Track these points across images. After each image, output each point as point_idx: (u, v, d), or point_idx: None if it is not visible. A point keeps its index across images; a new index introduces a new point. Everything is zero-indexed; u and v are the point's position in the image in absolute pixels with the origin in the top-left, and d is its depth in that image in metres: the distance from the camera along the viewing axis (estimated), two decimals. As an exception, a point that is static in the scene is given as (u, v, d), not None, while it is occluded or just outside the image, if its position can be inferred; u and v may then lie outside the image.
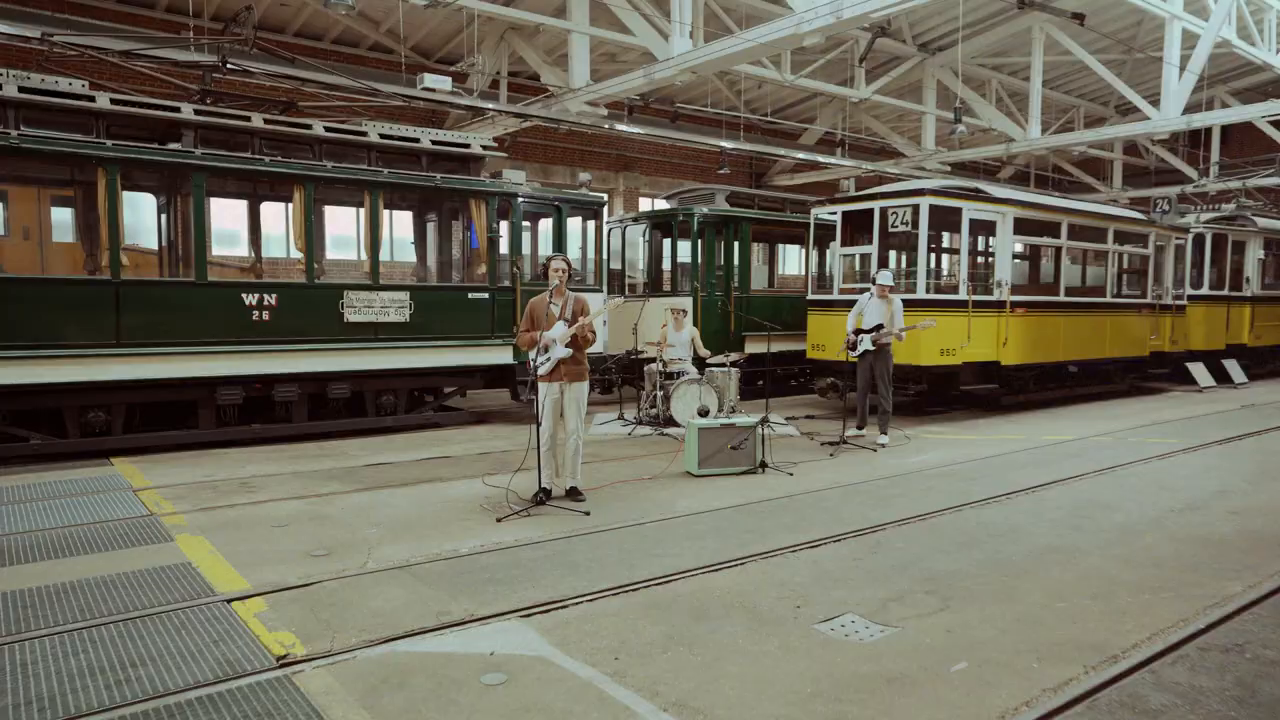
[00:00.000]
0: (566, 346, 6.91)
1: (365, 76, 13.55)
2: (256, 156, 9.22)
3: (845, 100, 20.76)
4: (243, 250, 12.58)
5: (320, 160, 9.74)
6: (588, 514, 6.50)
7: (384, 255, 10.58)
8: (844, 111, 22.12)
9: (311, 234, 9.59)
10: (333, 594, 4.66)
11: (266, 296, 9.25)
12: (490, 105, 14.25)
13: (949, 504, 6.87)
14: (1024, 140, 19.58)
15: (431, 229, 12.17)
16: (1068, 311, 13.34)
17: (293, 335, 9.41)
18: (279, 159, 9.34)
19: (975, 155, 21.30)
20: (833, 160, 20.44)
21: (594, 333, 7.06)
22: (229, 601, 4.50)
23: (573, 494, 7.09)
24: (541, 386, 6.99)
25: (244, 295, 9.14)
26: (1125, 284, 15.11)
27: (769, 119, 21.18)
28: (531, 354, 6.94)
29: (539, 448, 6.91)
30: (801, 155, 20.09)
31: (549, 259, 7.16)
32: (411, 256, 13.29)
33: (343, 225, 16.52)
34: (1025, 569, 5.25)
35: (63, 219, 10.35)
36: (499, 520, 6.29)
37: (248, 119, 9.35)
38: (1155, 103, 17.10)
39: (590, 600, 4.62)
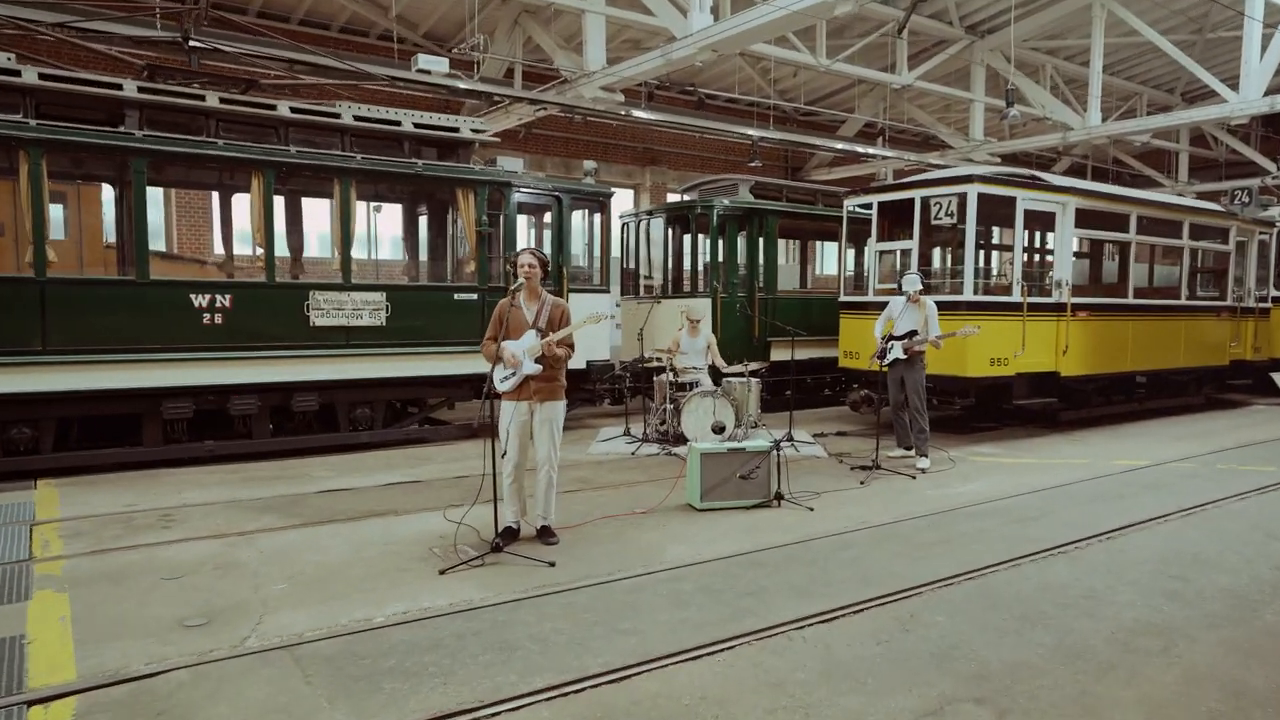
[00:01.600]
0: (537, 361, 5.74)
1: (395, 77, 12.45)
2: (209, 140, 8.20)
3: (886, 88, 19.31)
4: (193, 246, 11.62)
5: (286, 145, 8.71)
6: (552, 565, 5.30)
7: (359, 252, 9.48)
8: (885, 100, 20.65)
9: (272, 227, 8.54)
10: (173, 692, 3.51)
11: (219, 297, 8.22)
12: (494, 89, 13.13)
13: (1003, 555, 5.54)
14: (1082, 128, 17.91)
15: (413, 222, 11.08)
16: (1137, 315, 11.80)
17: (250, 341, 8.38)
18: (234, 143, 8.30)
19: (1028, 145, 19.68)
20: (872, 151, 18.97)
21: (572, 346, 5.90)
22: (30, 704, 3.38)
23: (544, 534, 5.91)
24: (505, 406, 5.83)
25: (193, 296, 8.11)
26: (1200, 284, 13.50)
27: (805, 106, 19.82)
28: (494, 368, 5.78)
29: (499, 478, 5.76)
30: (839, 145, 18.65)
31: (517, 254, 5.99)
32: (390, 253, 12.23)
33: (314, 218, 15.34)
34: (1110, 662, 3.93)
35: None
36: (442, 572, 5.13)
37: (201, 98, 8.32)
38: (1232, 86, 15.42)
39: (511, 709, 3.41)
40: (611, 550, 5.66)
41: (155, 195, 15.04)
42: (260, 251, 8.56)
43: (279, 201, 10.48)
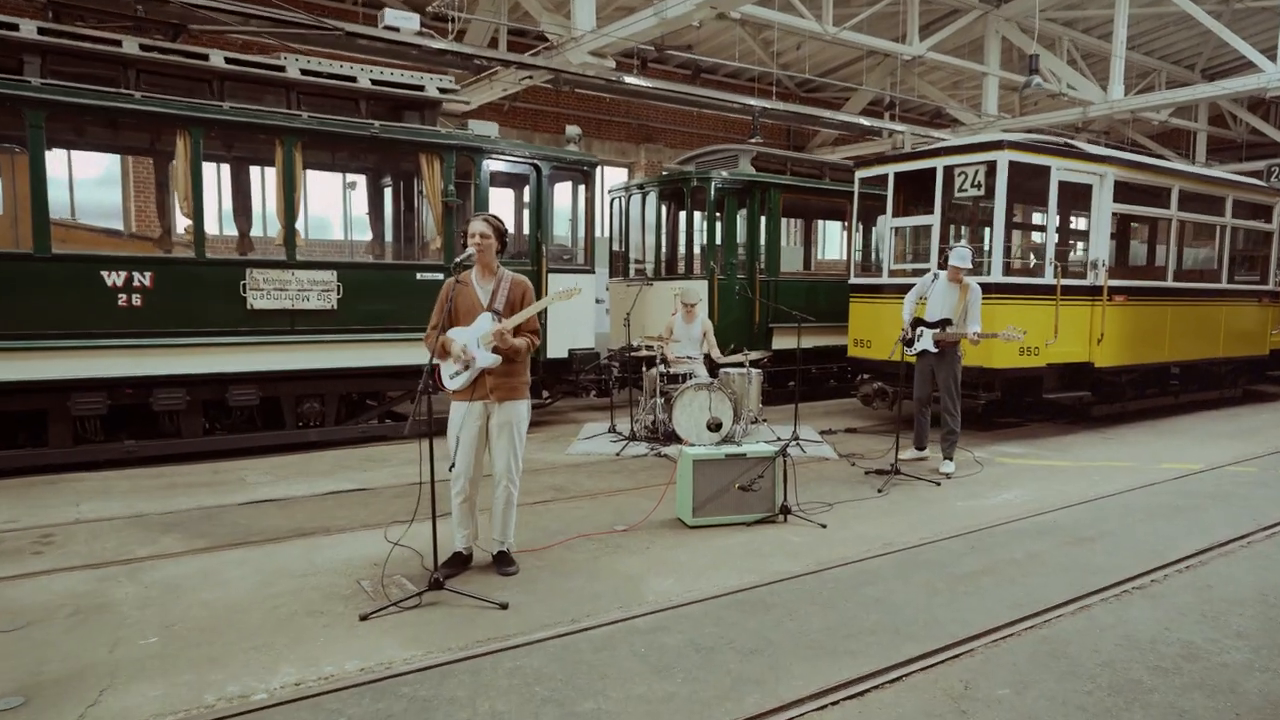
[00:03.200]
0: (494, 351, 4.66)
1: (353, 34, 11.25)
2: (124, 93, 7.06)
3: (894, 61, 18.17)
4: (108, 217, 10.46)
5: (221, 101, 7.58)
6: (504, 607, 4.22)
7: (306, 227, 8.37)
8: (894, 74, 19.49)
9: (200, 195, 7.41)
10: (-80, 833, 2.45)
11: (138, 275, 7.09)
12: (471, 50, 11.96)
13: (1065, 592, 4.46)
14: (1104, 102, 16.78)
15: (373, 193, 9.95)
16: (1176, 300, 10.70)
17: (176, 326, 7.26)
18: (155, 96, 7.16)
19: (1046, 121, 18.52)
20: (880, 124, 17.81)
21: (537, 333, 4.82)
22: None
23: (500, 562, 4.85)
24: (455, 407, 4.78)
25: (105, 273, 6.97)
26: (1239, 267, 12.40)
27: (810, 79, 18.61)
28: (443, 362, 4.72)
29: (446, 495, 4.71)
30: (844, 117, 17.48)
31: (467, 221, 4.90)
32: (345, 227, 11.07)
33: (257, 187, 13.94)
34: (1249, 769, 2.87)
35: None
36: (364, 618, 4.05)
37: (117, 43, 7.17)
38: (1268, 57, 14.28)
39: None
40: (582, 585, 4.58)
41: (113, 168, 13.89)
42: (188, 223, 7.43)
43: (220, 168, 9.40)
